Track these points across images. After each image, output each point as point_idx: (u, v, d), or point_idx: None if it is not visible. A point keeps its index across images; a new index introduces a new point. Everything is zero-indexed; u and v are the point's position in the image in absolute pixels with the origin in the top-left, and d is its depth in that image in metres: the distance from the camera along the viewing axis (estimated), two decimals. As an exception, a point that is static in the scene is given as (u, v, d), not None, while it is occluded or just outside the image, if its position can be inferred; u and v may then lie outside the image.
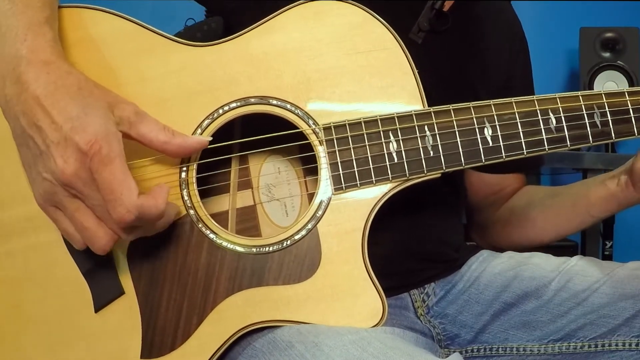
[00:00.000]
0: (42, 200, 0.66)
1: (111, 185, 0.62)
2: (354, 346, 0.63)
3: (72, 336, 0.72)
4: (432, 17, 0.94)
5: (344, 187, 0.74)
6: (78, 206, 0.64)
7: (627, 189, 0.90)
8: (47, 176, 0.63)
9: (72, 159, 0.62)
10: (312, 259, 0.73)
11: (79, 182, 0.62)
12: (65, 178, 0.62)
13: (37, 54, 0.65)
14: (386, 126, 0.75)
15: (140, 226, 0.66)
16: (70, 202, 0.64)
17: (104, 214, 0.64)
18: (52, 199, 0.65)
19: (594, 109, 0.78)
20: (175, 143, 0.68)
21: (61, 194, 0.64)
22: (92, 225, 0.64)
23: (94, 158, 0.62)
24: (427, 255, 0.99)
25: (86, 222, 0.64)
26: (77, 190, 0.63)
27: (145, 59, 0.75)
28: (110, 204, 0.62)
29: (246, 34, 0.77)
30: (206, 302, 0.72)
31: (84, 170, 0.62)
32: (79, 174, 0.62)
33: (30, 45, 0.65)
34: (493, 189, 1.12)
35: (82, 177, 0.62)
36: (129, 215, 0.62)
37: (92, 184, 0.62)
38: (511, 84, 1.07)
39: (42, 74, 0.64)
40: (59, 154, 0.62)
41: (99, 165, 0.62)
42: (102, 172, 0.62)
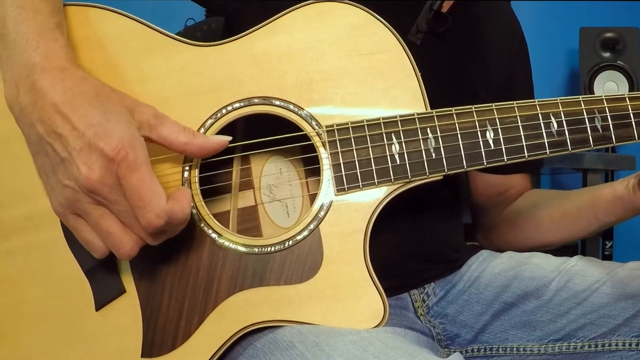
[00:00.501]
0: (62, 209, 0.65)
1: (139, 191, 0.62)
2: (355, 346, 0.63)
3: (72, 335, 0.72)
4: (430, 18, 0.94)
5: (346, 188, 0.75)
6: (102, 212, 0.64)
7: (633, 193, 0.90)
8: (69, 183, 0.63)
9: (98, 166, 0.61)
10: (314, 260, 0.73)
11: (104, 189, 0.62)
12: (91, 185, 0.61)
13: (51, 60, 0.65)
14: (389, 128, 0.75)
15: (166, 230, 0.66)
16: (94, 209, 0.63)
17: (130, 220, 0.63)
18: (74, 207, 0.64)
19: (595, 114, 0.78)
20: (196, 144, 0.68)
21: (84, 201, 0.63)
22: (118, 231, 0.64)
23: (121, 164, 0.61)
24: (428, 256, 0.99)
25: (111, 228, 0.64)
26: (102, 197, 0.62)
27: (148, 58, 0.75)
28: (139, 210, 0.62)
29: (250, 35, 0.77)
30: (207, 301, 0.72)
31: (110, 177, 0.62)
32: (105, 180, 0.61)
33: (43, 52, 0.65)
34: (498, 190, 1.12)
35: (108, 183, 0.62)
36: (159, 220, 0.63)
37: (118, 190, 0.62)
38: (511, 84, 1.07)
39: (57, 80, 0.64)
40: (83, 160, 0.61)
41: (126, 172, 0.62)
42: (130, 178, 0.62)
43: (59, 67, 0.65)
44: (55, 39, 0.67)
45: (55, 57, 0.65)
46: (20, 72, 0.64)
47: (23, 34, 0.66)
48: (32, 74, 0.64)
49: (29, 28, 0.66)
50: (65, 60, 0.66)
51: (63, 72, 0.65)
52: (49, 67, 0.64)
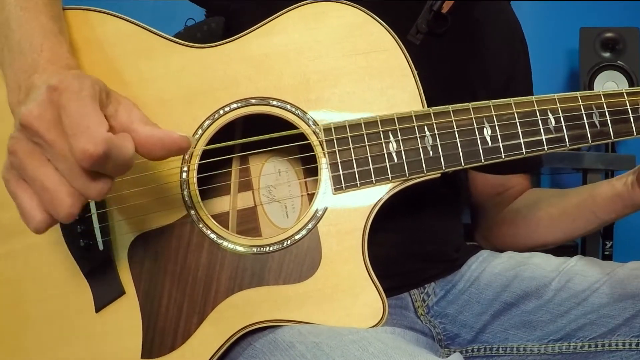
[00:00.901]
0: (6, 172, 0.59)
1: (76, 119, 0.55)
2: (355, 346, 0.63)
3: (72, 336, 0.72)
4: (430, 18, 0.94)
5: (344, 187, 0.75)
6: (40, 163, 0.57)
7: (632, 189, 0.90)
8: (14, 134, 0.57)
9: (39, 100, 0.56)
10: (313, 259, 0.73)
11: (42, 126, 0.55)
12: (27, 120, 0.55)
13: (53, 64, 0.64)
14: (386, 126, 0.75)
15: (106, 172, 0.58)
16: (30, 158, 0.57)
17: (68, 167, 0.56)
18: (14, 163, 0.58)
19: (592, 109, 0.78)
20: (156, 136, 0.60)
21: (22, 150, 0.57)
22: (55, 184, 0.56)
23: (62, 94, 0.56)
24: (428, 255, 0.99)
25: (47, 181, 0.56)
26: (39, 137, 0.56)
27: (145, 60, 0.76)
28: (74, 138, 0.54)
29: (247, 36, 0.78)
30: (206, 302, 0.72)
31: (50, 110, 0.56)
32: (44, 114, 0.56)
33: (47, 56, 0.65)
34: (497, 190, 1.12)
35: (47, 118, 0.56)
36: (95, 148, 0.54)
37: (57, 127, 0.56)
38: (511, 85, 1.07)
39: (53, 74, 0.62)
40: (30, 101, 0.56)
41: (66, 101, 0.56)
42: (69, 106, 0.55)
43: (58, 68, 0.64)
44: (60, 43, 0.67)
45: (56, 61, 0.65)
46: (23, 73, 0.64)
47: (27, 36, 0.66)
48: (32, 75, 0.63)
49: (33, 30, 0.66)
50: (65, 64, 0.66)
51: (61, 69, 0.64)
52: (49, 69, 0.64)
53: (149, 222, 0.73)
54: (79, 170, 0.56)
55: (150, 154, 0.61)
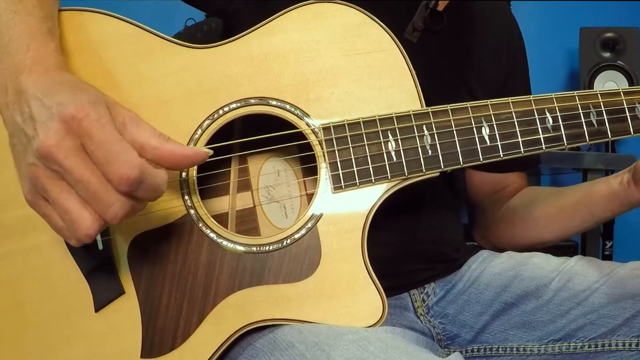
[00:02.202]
0: (30, 195, 0.62)
1: (106, 145, 0.58)
2: (355, 345, 0.63)
3: (72, 336, 0.72)
4: (426, 16, 0.94)
5: (343, 186, 0.75)
6: (61, 188, 0.59)
7: (628, 187, 0.90)
8: (32, 161, 0.59)
9: (55, 129, 0.58)
10: (312, 258, 0.73)
11: (60, 153, 0.57)
12: (46, 149, 0.57)
13: (40, 64, 0.65)
14: (385, 126, 0.76)
15: (137, 196, 0.60)
16: (52, 183, 0.59)
17: (88, 192, 0.59)
18: (37, 187, 0.60)
19: (590, 108, 0.78)
20: (166, 149, 0.62)
21: (43, 176, 0.59)
22: (74, 207, 0.59)
23: (82, 122, 0.58)
24: (427, 255, 0.99)
25: (67, 204, 0.59)
26: (58, 164, 0.58)
27: (144, 60, 0.76)
28: (109, 165, 0.58)
29: (246, 36, 0.78)
30: (206, 301, 0.72)
31: (68, 139, 0.58)
32: (62, 143, 0.57)
33: (33, 56, 0.65)
34: (495, 188, 1.13)
35: (66, 146, 0.58)
36: (132, 172, 0.57)
37: (75, 154, 0.58)
38: (509, 83, 1.07)
39: (41, 77, 0.63)
40: (43, 129, 0.58)
41: (88, 129, 0.58)
42: (94, 134, 0.58)
43: (45, 69, 0.65)
44: (46, 43, 0.67)
45: (44, 61, 0.65)
46: (10, 74, 0.64)
47: (16, 38, 0.66)
48: (20, 75, 0.64)
49: (22, 32, 0.67)
50: (54, 64, 0.66)
51: (48, 72, 0.64)
52: (36, 70, 0.64)
53: (149, 221, 0.73)
54: (99, 195, 0.58)
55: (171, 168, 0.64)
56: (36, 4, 0.69)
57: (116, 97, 0.74)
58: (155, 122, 0.73)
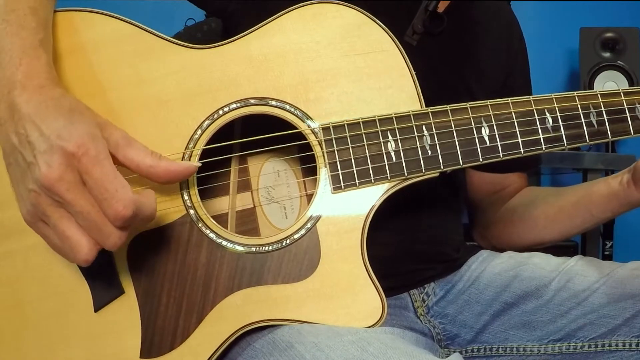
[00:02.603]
0: (30, 217, 0.64)
1: (104, 183, 0.61)
2: (354, 346, 0.63)
3: (71, 336, 0.72)
4: (426, 18, 0.94)
5: (342, 186, 0.75)
6: (61, 215, 0.62)
7: (628, 188, 0.90)
8: (32, 187, 0.62)
9: (57, 164, 0.60)
10: (312, 258, 0.73)
11: (62, 187, 0.60)
12: (49, 182, 0.60)
13: (32, 79, 0.65)
14: (384, 126, 0.76)
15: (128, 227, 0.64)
16: (53, 211, 0.62)
17: (87, 222, 0.62)
18: (38, 211, 0.63)
19: (589, 109, 0.78)
20: (162, 167, 0.66)
21: (45, 204, 0.62)
22: (74, 235, 0.62)
23: (82, 159, 0.61)
24: (427, 255, 0.99)
25: (68, 231, 0.62)
26: (60, 196, 0.61)
27: (144, 61, 0.76)
28: (106, 202, 0.61)
29: (246, 36, 0.78)
30: (206, 301, 0.72)
31: (70, 173, 0.61)
32: (64, 177, 0.60)
33: (25, 70, 0.65)
34: (495, 188, 1.13)
35: (67, 180, 0.61)
36: (127, 210, 0.61)
37: (76, 188, 0.61)
38: (508, 83, 1.07)
39: (34, 95, 0.64)
40: (44, 160, 0.61)
41: (88, 166, 0.61)
42: (93, 172, 0.61)
43: (38, 85, 0.65)
44: (38, 57, 0.67)
45: (35, 75, 0.66)
46: (2, 87, 0.65)
47: (7, 50, 0.66)
48: (12, 90, 0.64)
49: (13, 44, 0.66)
50: (45, 79, 0.66)
51: (41, 89, 0.65)
52: (29, 85, 0.64)
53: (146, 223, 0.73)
54: (98, 226, 0.62)
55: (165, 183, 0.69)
56: (29, 12, 0.69)
57: (116, 98, 0.74)
58: (155, 122, 0.73)
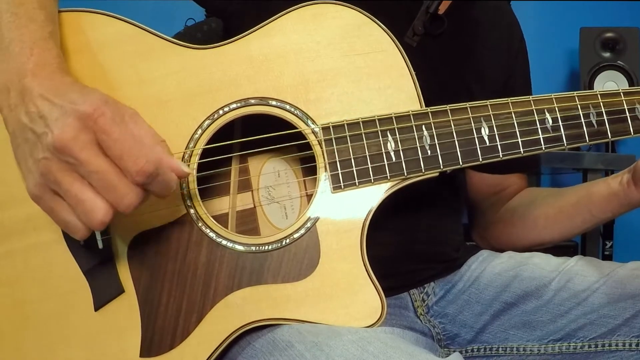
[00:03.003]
0: (38, 189, 0.63)
1: (127, 140, 0.61)
2: (354, 346, 0.63)
3: (71, 335, 0.72)
4: (427, 20, 0.94)
5: (342, 186, 0.75)
6: (74, 178, 0.61)
7: (628, 188, 0.90)
8: (43, 155, 0.61)
9: (71, 125, 0.60)
10: (311, 257, 0.73)
11: (76, 146, 0.60)
12: (62, 143, 0.60)
13: (43, 68, 0.66)
14: (384, 126, 0.76)
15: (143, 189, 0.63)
16: (65, 174, 0.61)
17: (102, 183, 0.61)
18: (48, 181, 0.62)
19: (589, 109, 0.79)
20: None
21: (55, 168, 0.61)
22: (89, 197, 0.61)
23: (98, 120, 0.60)
24: (427, 255, 0.99)
25: (82, 194, 0.61)
26: (73, 157, 0.60)
27: (145, 61, 0.76)
28: (128, 159, 0.60)
29: (246, 37, 0.78)
30: (205, 300, 0.72)
31: (84, 133, 0.60)
32: (79, 136, 0.60)
33: (36, 60, 0.66)
34: (494, 189, 1.12)
35: (82, 139, 0.60)
36: (149, 165, 0.61)
37: (91, 147, 0.60)
38: (509, 84, 1.07)
39: (45, 80, 0.64)
40: (57, 125, 0.60)
41: (105, 126, 0.60)
42: (113, 130, 0.61)
43: (50, 72, 0.66)
44: (49, 48, 0.68)
45: (47, 65, 0.66)
46: (12, 76, 0.65)
47: (17, 41, 0.67)
48: (23, 78, 0.64)
49: (23, 35, 0.67)
50: (56, 68, 0.67)
51: (52, 74, 0.65)
52: (40, 73, 0.65)
53: (149, 220, 0.73)
54: (115, 185, 0.61)
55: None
56: (37, 6, 0.70)
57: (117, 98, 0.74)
58: (156, 122, 0.73)
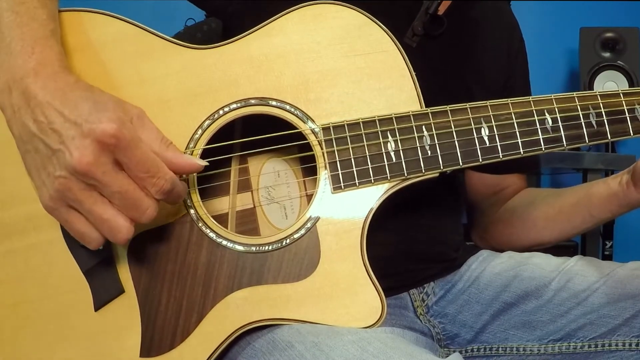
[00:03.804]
0: (53, 202, 0.64)
1: (146, 163, 0.64)
2: (354, 346, 0.63)
3: (71, 335, 0.72)
4: (426, 21, 0.94)
5: (342, 186, 0.75)
6: (95, 199, 0.63)
7: (627, 188, 0.90)
8: (60, 173, 0.62)
9: (91, 149, 0.61)
10: (311, 258, 0.73)
11: (99, 170, 0.62)
12: (84, 167, 0.61)
13: (45, 67, 0.66)
14: (384, 126, 0.76)
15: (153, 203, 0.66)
16: (87, 195, 0.63)
17: (123, 202, 0.63)
18: (65, 197, 0.63)
19: (589, 110, 0.79)
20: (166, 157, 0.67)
21: (76, 189, 0.63)
22: (113, 216, 0.64)
23: (118, 144, 0.62)
24: (427, 255, 0.99)
25: (105, 214, 0.64)
26: (95, 180, 0.62)
27: (145, 61, 0.76)
28: (149, 179, 0.64)
29: (246, 37, 0.78)
30: (206, 300, 0.72)
31: (104, 156, 0.62)
32: (100, 160, 0.61)
33: (38, 58, 0.66)
34: (494, 190, 1.13)
35: (103, 162, 0.62)
36: (167, 184, 0.65)
37: (112, 170, 0.62)
38: (508, 84, 1.07)
39: (49, 82, 0.64)
40: (76, 146, 0.61)
41: (127, 150, 0.62)
42: (133, 154, 0.63)
43: (52, 72, 0.65)
44: (50, 46, 0.68)
45: (49, 63, 0.66)
46: (14, 74, 0.65)
47: (18, 39, 0.66)
48: (25, 77, 0.64)
49: (24, 34, 0.67)
50: (59, 67, 0.66)
51: (55, 75, 0.65)
52: (42, 72, 0.65)
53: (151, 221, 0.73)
54: (137, 203, 0.64)
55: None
56: (38, 5, 0.69)
57: (117, 98, 0.74)
58: (156, 122, 0.73)
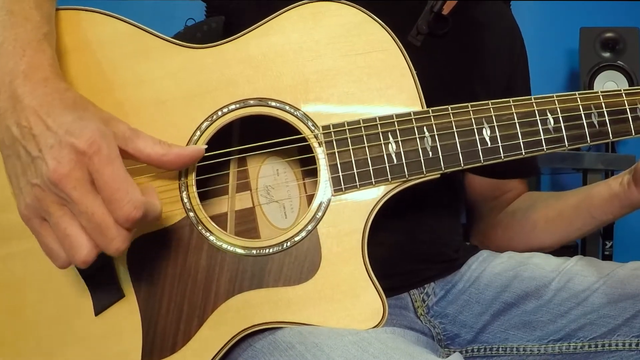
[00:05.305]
0: (28, 211, 0.63)
1: (115, 183, 0.60)
2: (355, 347, 0.63)
3: (71, 340, 0.72)
4: (431, 20, 0.94)
5: (343, 188, 0.75)
6: (64, 213, 0.61)
7: (629, 189, 0.90)
8: (36, 182, 0.61)
9: (67, 160, 0.60)
10: (312, 260, 0.73)
11: (69, 184, 0.60)
12: (57, 178, 0.59)
13: (36, 70, 0.65)
14: (385, 127, 0.75)
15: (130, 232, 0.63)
16: (57, 208, 0.61)
17: (89, 224, 0.61)
18: (39, 207, 0.62)
19: (591, 109, 0.78)
20: (173, 153, 0.66)
21: (48, 200, 0.61)
22: (75, 234, 0.61)
23: (93, 158, 0.60)
24: (427, 255, 0.99)
25: (69, 230, 0.61)
26: (66, 194, 0.60)
27: (142, 61, 0.75)
28: (117, 203, 0.60)
29: (245, 36, 0.77)
30: (206, 304, 0.72)
31: (79, 170, 0.60)
32: (73, 174, 0.60)
33: (29, 61, 0.65)
34: (494, 194, 1.12)
35: (75, 177, 0.60)
36: (137, 212, 0.61)
37: (83, 187, 0.60)
38: (511, 86, 1.07)
39: (39, 87, 0.63)
40: (53, 156, 0.60)
41: (99, 165, 0.60)
42: (104, 171, 0.60)
43: (42, 78, 0.64)
44: (43, 50, 0.67)
45: (40, 68, 0.65)
46: (3, 77, 0.64)
47: (10, 40, 0.66)
48: (15, 80, 0.63)
49: (17, 35, 0.66)
50: (50, 72, 0.66)
51: (46, 80, 0.64)
52: (33, 77, 0.64)
53: (148, 224, 0.73)
54: (102, 229, 0.61)
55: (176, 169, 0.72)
56: (34, 6, 0.69)
57: (115, 98, 0.74)
58: (154, 123, 0.73)
